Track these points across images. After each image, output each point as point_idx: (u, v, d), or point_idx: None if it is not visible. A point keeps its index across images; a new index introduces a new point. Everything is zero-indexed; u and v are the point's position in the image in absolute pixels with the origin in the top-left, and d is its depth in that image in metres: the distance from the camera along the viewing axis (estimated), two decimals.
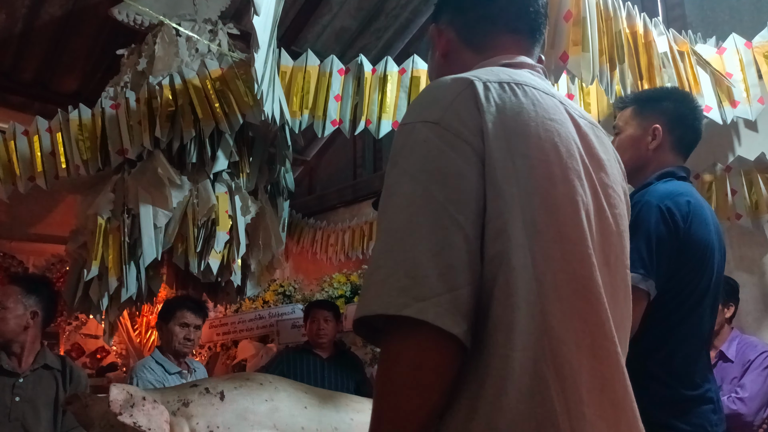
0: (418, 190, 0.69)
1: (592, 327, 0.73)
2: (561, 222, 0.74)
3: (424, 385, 0.65)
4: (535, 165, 0.73)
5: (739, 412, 2.27)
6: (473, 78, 0.76)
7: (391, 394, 0.66)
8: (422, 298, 0.64)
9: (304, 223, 5.47)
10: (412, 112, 0.78)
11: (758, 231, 2.84)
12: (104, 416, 1.45)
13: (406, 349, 0.66)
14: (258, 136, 3.11)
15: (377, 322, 0.69)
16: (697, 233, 1.42)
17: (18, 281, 2.28)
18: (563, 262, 0.72)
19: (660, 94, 1.68)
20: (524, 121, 0.75)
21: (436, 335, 0.65)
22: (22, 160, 2.89)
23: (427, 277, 0.65)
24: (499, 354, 0.67)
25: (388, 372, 0.67)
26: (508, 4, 0.90)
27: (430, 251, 0.66)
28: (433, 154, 0.71)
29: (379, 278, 0.67)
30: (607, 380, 0.73)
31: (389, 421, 0.66)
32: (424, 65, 2.81)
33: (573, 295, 0.72)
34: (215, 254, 2.83)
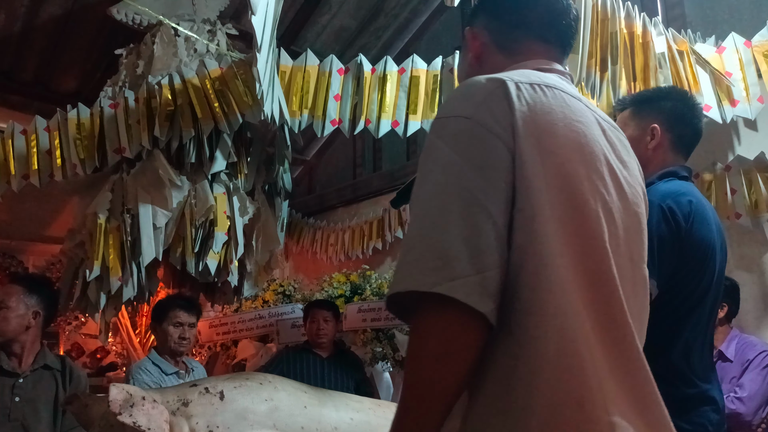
0: (451, 180, 0.74)
1: (607, 318, 0.77)
2: (582, 218, 0.78)
3: (453, 360, 0.69)
4: (561, 163, 0.78)
5: (738, 411, 2.27)
6: (506, 78, 0.81)
7: (422, 368, 0.70)
8: (453, 277, 0.69)
9: (304, 222, 5.47)
10: (446, 108, 0.82)
11: (758, 230, 2.84)
12: (104, 416, 1.45)
13: (437, 325, 0.70)
14: (256, 137, 3.11)
15: (408, 301, 0.73)
16: (699, 233, 1.42)
17: (20, 281, 2.27)
18: (582, 255, 0.77)
19: (658, 93, 1.67)
20: (553, 121, 0.80)
21: (465, 313, 0.69)
22: (18, 159, 2.89)
23: (457, 259, 0.70)
24: (533, 335, 0.71)
25: (419, 347, 0.71)
26: (543, 14, 0.96)
27: (461, 236, 0.71)
28: (465, 147, 0.76)
29: (412, 258, 0.72)
30: (625, 367, 0.77)
31: (419, 393, 0.70)
32: (424, 65, 2.82)
33: (590, 287, 0.76)
34: (213, 255, 2.83)
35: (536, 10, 0.96)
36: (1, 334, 2.11)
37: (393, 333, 3.82)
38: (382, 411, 1.89)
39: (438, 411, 0.70)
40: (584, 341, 0.73)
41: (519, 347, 0.72)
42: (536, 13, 0.96)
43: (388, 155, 5.18)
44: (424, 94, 2.79)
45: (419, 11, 4.87)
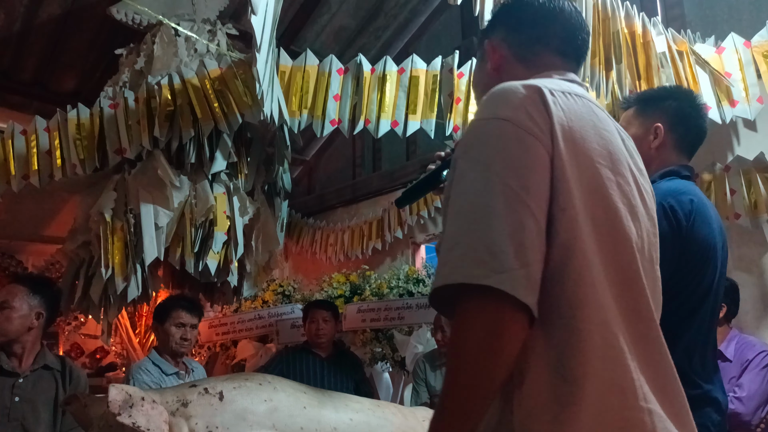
0: (494, 178, 0.77)
1: (635, 314, 0.81)
2: (613, 220, 0.83)
3: (499, 349, 0.72)
4: (595, 167, 0.83)
5: (737, 411, 2.27)
6: (540, 84, 0.85)
7: (470, 359, 0.72)
8: (500, 270, 0.72)
9: (304, 222, 5.47)
10: (484, 110, 0.85)
11: (757, 230, 2.84)
12: (103, 417, 1.45)
13: (484, 316, 0.72)
14: (256, 137, 3.11)
15: (450, 296, 0.76)
16: (700, 232, 1.41)
17: (23, 281, 2.26)
18: (615, 254, 0.82)
19: (662, 93, 1.67)
20: (585, 128, 0.85)
21: (510, 305, 0.72)
22: (18, 159, 2.89)
23: (504, 253, 0.73)
24: (580, 328, 0.75)
25: (466, 338, 0.73)
26: (561, 30, 1.01)
27: (506, 231, 0.74)
28: (506, 147, 0.79)
29: (459, 253, 0.75)
30: (652, 360, 0.81)
31: (466, 382, 0.72)
32: (423, 65, 2.82)
33: (620, 284, 0.81)
34: (213, 255, 2.83)
35: (555, 26, 1.01)
36: (4, 334, 2.10)
37: (392, 333, 3.82)
38: (382, 411, 1.89)
39: (484, 401, 0.73)
40: (623, 336, 0.77)
41: (566, 339, 0.75)
42: (555, 28, 1.01)
43: (388, 155, 5.18)
44: (423, 94, 2.79)
45: (419, 11, 4.87)
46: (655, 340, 0.83)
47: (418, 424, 1.94)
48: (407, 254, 4.73)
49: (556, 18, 1.01)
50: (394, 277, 4.07)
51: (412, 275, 4.07)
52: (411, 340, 3.70)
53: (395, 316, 3.80)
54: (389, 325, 3.82)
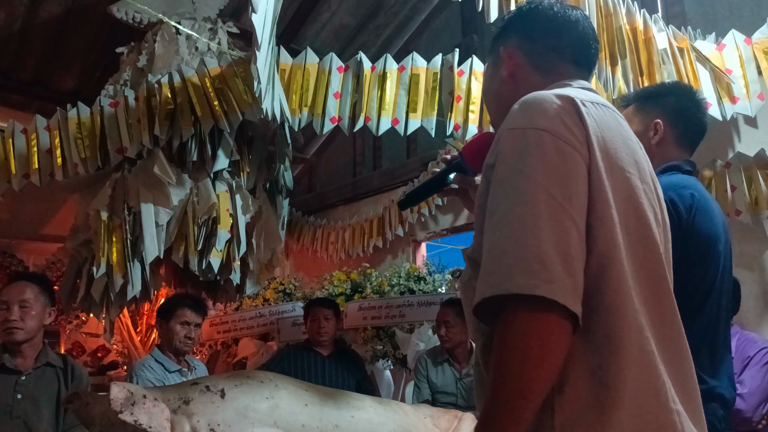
0: (537, 187, 0.78)
1: (661, 318, 0.84)
2: (643, 227, 0.86)
3: (550, 358, 0.74)
4: (626, 177, 0.86)
5: (739, 407, 2.26)
6: (573, 96, 0.86)
7: (519, 367, 0.73)
8: (550, 280, 0.73)
9: (304, 221, 5.47)
10: (519, 119, 0.85)
11: (758, 227, 2.84)
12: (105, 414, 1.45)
13: (535, 326, 0.74)
14: (257, 135, 3.11)
15: (493, 304, 0.77)
16: (701, 226, 1.41)
17: (32, 279, 2.27)
18: (644, 260, 0.84)
19: (661, 89, 1.67)
20: (614, 137, 0.87)
21: (559, 315, 0.74)
22: (19, 158, 2.89)
23: (552, 263, 0.74)
24: (619, 335, 0.77)
25: (515, 347, 0.74)
26: (575, 40, 1.03)
27: (552, 241, 0.75)
28: (547, 157, 0.80)
29: (509, 262, 0.76)
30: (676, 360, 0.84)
31: (515, 390, 0.73)
32: (423, 62, 2.81)
33: (649, 289, 0.84)
34: (216, 253, 2.83)
35: (570, 35, 1.02)
36: (29, 332, 2.12)
37: (393, 331, 3.82)
38: (383, 409, 1.90)
39: (532, 409, 0.74)
40: (653, 339, 0.80)
41: (604, 345, 0.77)
42: (570, 38, 1.02)
43: (388, 153, 5.18)
44: (423, 92, 2.78)
45: (419, 9, 4.87)
46: (677, 340, 0.86)
47: (420, 421, 1.95)
48: (408, 252, 4.73)
49: (571, 27, 1.03)
50: (395, 275, 4.07)
51: (413, 273, 4.07)
52: (412, 337, 3.70)
53: (396, 313, 3.80)
54: (390, 322, 3.82)
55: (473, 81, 2.76)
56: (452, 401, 3.03)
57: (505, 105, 1.03)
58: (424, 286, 3.93)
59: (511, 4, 2.33)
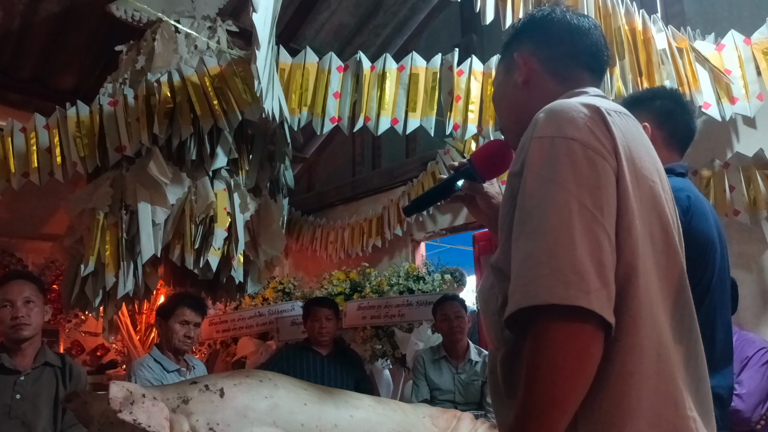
0: (569, 197, 0.78)
1: (682, 326, 0.85)
2: (667, 236, 0.86)
3: (584, 368, 0.74)
4: (650, 186, 0.86)
5: (737, 408, 2.27)
6: (598, 105, 0.86)
7: (554, 377, 0.73)
8: (587, 291, 0.73)
9: (304, 220, 5.47)
10: (547, 128, 0.85)
11: (756, 227, 2.85)
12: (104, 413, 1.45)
13: (571, 337, 0.74)
14: (257, 134, 3.11)
15: (524, 314, 0.77)
16: (697, 228, 1.42)
17: (29, 278, 2.28)
18: (667, 269, 0.85)
19: (647, 94, 1.70)
20: (638, 147, 0.88)
21: (594, 325, 0.74)
22: (18, 157, 2.89)
23: (589, 274, 0.74)
24: (640, 344, 0.78)
25: (549, 357, 0.74)
26: (589, 47, 1.03)
27: (587, 251, 0.75)
28: (578, 167, 0.80)
29: (545, 272, 0.75)
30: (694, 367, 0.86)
31: (551, 401, 0.73)
32: (423, 62, 2.81)
33: (671, 298, 0.85)
34: (214, 251, 2.83)
35: (585, 43, 1.03)
36: (35, 328, 2.14)
37: (392, 330, 3.82)
38: (382, 408, 1.90)
39: (566, 419, 0.74)
40: (672, 349, 0.81)
41: (627, 355, 0.77)
42: (585, 45, 1.03)
43: (388, 153, 5.18)
44: (423, 91, 2.78)
45: (418, 8, 4.87)
46: (695, 346, 0.87)
47: (419, 420, 1.95)
48: (407, 252, 4.73)
49: (585, 35, 1.03)
50: (395, 275, 4.07)
51: (412, 272, 4.07)
52: (411, 337, 3.70)
53: (395, 313, 3.80)
54: (389, 322, 3.82)
55: (472, 81, 2.76)
56: (450, 398, 3.05)
57: (519, 111, 1.04)
58: (423, 285, 3.94)
59: (507, 6, 2.33)
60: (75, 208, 2.84)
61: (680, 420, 0.79)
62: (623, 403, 0.76)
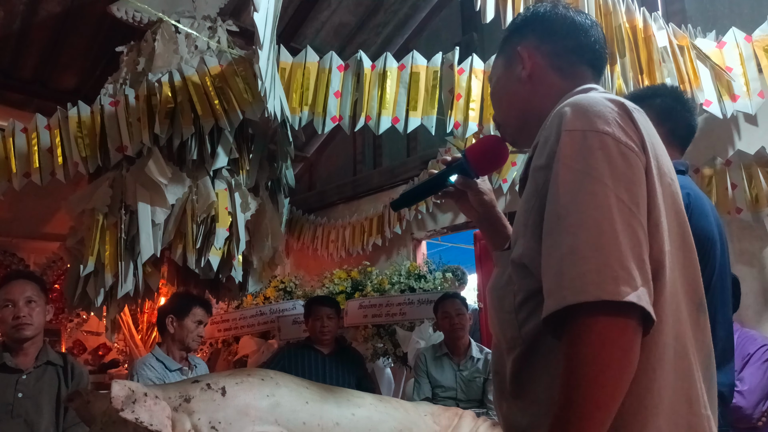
0: (607, 192, 0.77)
1: (698, 324, 0.85)
2: (684, 233, 0.86)
3: (629, 365, 0.73)
4: (669, 183, 0.86)
5: (739, 405, 2.27)
6: (623, 101, 0.86)
7: (601, 377, 0.71)
8: (634, 287, 0.72)
9: (305, 219, 5.47)
10: (578, 121, 0.83)
11: (758, 225, 2.85)
12: (106, 412, 1.46)
13: (617, 333, 0.72)
14: (258, 133, 3.11)
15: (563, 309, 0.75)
16: (698, 225, 1.42)
17: (33, 278, 2.29)
18: (684, 267, 0.85)
19: (647, 92, 1.70)
20: (658, 143, 0.88)
21: (639, 321, 0.73)
22: (19, 157, 2.89)
23: (633, 269, 0.73)
24: (661, 341, 0.77)
25: (596, 355, 0.71)
26: (592, 43, 1.03)
27: (629, 246, 0.74)
28: (612, 161, 0.79)
29: (592, 268, 0.73)
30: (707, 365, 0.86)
31: (597, 402, 0.71)
32: (424, 61, 2.81)
33: (689, 295, 0.84)
34: (215, 251, 2.83)
35: (589, 39, 1.02)
36: (37, 328, 2.15)
37: (394, 329, 3.83)
38: (384, 406, 1.90)
39: (610, 420, 0.72)
40: (691, 346, 0.81)
41: (650, 352, 0.76)
42: (588, 41, 1.02)
43: (389, 152, 5.18)
44: (424, 90, 2.78)
45: (419, 7, 4.87)
46: (708, 345, 0.87)
47: (420, 418, 1.95)
48: (408, 250, 4.74)
49: (588, 32, 1.02)
50: (396, 273, 4.07)
51: (413, 271, 4.07)
52: (413, 335, 3.70)
53: (397, 311, 3.81)
54: (391, 320, 3.82)
55: (473, 79, 2.76)
56: (452, 396, 3.06)
57: (521, 106, 1.03)
58: (424, 284, 3.94)
59: (507, 5, 2.33)
60: (75, 209, 2.84)
61: (694, 418, 0.79)
62: (645, 400, 0.76)
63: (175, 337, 2.69)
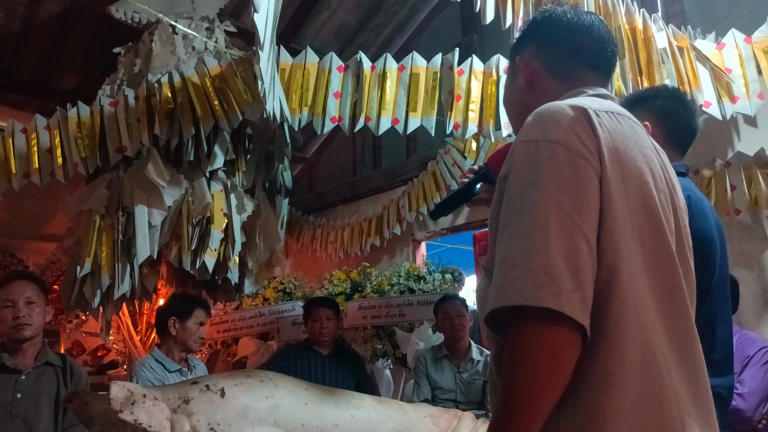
0: (548, 201, 0.79)
1: (676, 327, 0.85)
2: (658, 236, 0.86)
3: (557, 370, 0.75)
4: (640, 186, 0.86)
5: (739, 407, 2.27)
6: (586, 106, 0.87)
7: (529, 379, 0.74)
8: (558, 293, 0.74)
9: (304, 220, 5.47)
10: (533, 131, 0.86)
11: (757, 226, 2.84)
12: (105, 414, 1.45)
13: (544, 338, 0.75)
14: (255, 134, 3.11)
15: (503, 315, 0.78)
16: (698, 227, 1.42)
17: (33, 279, 2.29)
18: (658, 270, 0.84)
19: (648, 93, 1.69)
20: (629, 147, 0.87)
21: (568, 327, 0.75)
22: (19, 157, 2.89)
23: (561, 276, 0.75)
24: (622, 346, 0.78)
25: (523, 358, 0.75)
26: (591, 43, 1.03)
27: (562, 254, 0.76)
28: (559, 170, 0.81)
29: (518, 275, 0.77)
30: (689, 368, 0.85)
31: (525, 402, 0.74)
32: (423, 62, 2.81)
33: (662, 299, 0.84)
34: (211, 252, 2.83)
35: (586, 40, 1.03)
36: (36, 329, 2.14)
37: (393, 330, 3.82)
38: (383, 408, 1.90)
39: (541, 419, 0.75)
40: (660, 350, 0.81)
41: (607, 356, 0.78)
42: (586, 41, 1.03)
43: (388, 153, 5.18)
44: (423, 91, 2.78)
45: (418, 8, 4.87)
46: (690, 347, 0.87)
47: (420, 420, 1.95)
48: (407, 251, 4.73)
49: (586, 32, 1.03)
50: (395, 274, 4.07)
51: (413, 272, 4.07)
52: (412, 337, 3.70)
53: (396, 313, 3.80)
54: (390, 322, 3.82)
55: (473, 80, 2.76)
56: (452, 397, 3.05)
57: (526, 113, 1.04)
58: (423, 285, 3.94)
59: (507, 6, 2.33)
60: (72, 210, 2.84)
61: (666, 422, 0.78)
62: (603, 404, 0.76)
63: (177, 339, 2.67)
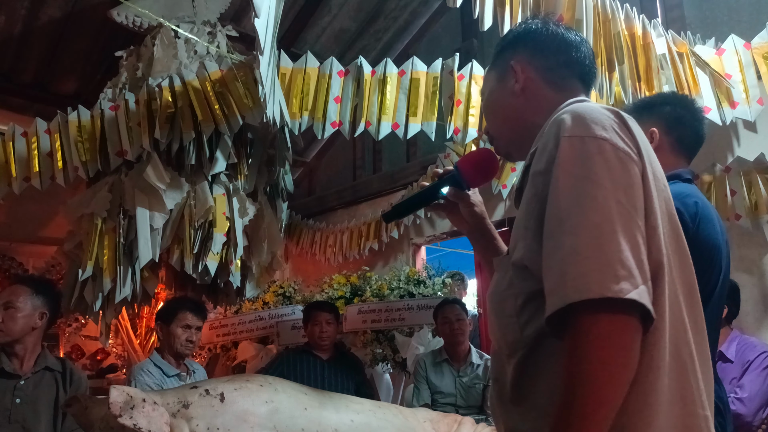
0: (607, 195, 0.79)
1: (696, 326, 0.86)
2: (678, 237, 0.88)
3: (631, 362, 0.74)
4: (662, 188, 0.88)
5: (739, 412, 2.27)
6: (616, 109, 0.89)
7: (603, 374, 0.72)
8: (635, 285, 0.74)
9: (304, 224, 5.47)
10: (576, 128, 0.86)
11: (757, 231, 2.85)
12: (104, 418, 1.45)
13: (617, 331, 0.74)
14: (257, 138, 3.11)
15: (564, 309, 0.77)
16: (705, 234, 1.43)
17: (26, 281, 2.27)
18: (681, 270, 0.86)
19: (656, 99, 1.70)
20: (651, 150, 0.90)
21: (638, 319, 0.75)
22: (19, 161, 2.89)
23: (633, 269, 0.75)
24: (655, 343, 0.78)
25: (597, 353, 0.73)
26: (583, 58, 1.06)
27: (629, 247, 0.76)
28: (611, 166, 0.81)
29: (594, 267, 0.75)
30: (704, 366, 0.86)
31: (600, 399, 0.72)
32: (424, 67, 2.82)
33: (686, 297, 0.85)
34: (213, 256, 2.83)
35: (580, 54, 1.06)
36: (9, 334, 2.11)
37: (393, 334, 3.82)
38: (383, 412, 1.89)
39: (612, 417, 0.73)
40: (687, 348, 0.82)
41: (653, 350, 0.77)
42: (579, 56, 1.06)
43: (388, 157, 5.18)
44: (424, 96, 2.79)
45: (419, 13, 4.88)
46: (706, 348, 0.88)
47: (419, 425, 1.94)
48: (407, 255, 4.73)
49: (578, 47, 1.06)
50: (395, 279, 4.07)
51: (413, 276, 4.07)
52: (412, 341, 3.70)
53: (396, 317, 3.80)
54: (390, 326, 3.82)
55: (473, 85, 2.76)
56: (451, 402, 3.05)
57: (513, 118, 1.06)
58: (423, 289, 3.93)
59: (505, 12, 2.34)
60: (74, 213, 2.84)
61: (689, 418, 0.79)
62: (650, 398, 0.77)
63: (164, 343, 2.68)
